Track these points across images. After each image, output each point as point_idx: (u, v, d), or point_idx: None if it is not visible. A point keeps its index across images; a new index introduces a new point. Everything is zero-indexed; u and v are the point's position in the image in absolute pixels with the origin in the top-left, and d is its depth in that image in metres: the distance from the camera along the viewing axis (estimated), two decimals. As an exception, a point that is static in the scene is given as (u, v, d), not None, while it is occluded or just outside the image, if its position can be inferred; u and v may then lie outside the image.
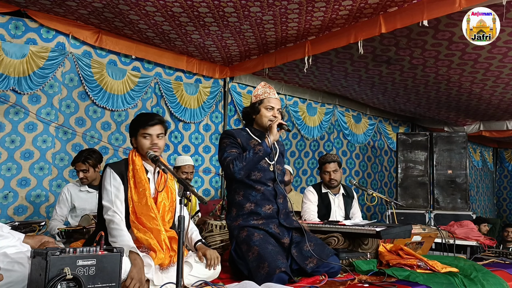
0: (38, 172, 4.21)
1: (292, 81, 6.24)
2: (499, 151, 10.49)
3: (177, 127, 5.35)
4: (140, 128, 2.47)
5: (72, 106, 4.49)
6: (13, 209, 4.06)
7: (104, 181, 2.41)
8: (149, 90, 5.03)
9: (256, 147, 2.66)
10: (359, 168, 7.50)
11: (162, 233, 2.37)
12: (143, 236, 2.33)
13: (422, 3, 3.67)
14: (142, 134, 2.46)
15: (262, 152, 2.64)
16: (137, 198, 2.40)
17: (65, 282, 1.70)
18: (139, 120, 2.51)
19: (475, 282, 2.59)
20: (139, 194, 2.40)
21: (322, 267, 2.57)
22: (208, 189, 5.62)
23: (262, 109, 2.78)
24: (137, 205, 2.39)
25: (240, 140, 2.74)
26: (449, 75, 5.47)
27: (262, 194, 2.71)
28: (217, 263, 2.48)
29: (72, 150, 4.44)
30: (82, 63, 4.48)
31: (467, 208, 6.03)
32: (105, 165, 2.50)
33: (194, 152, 5.51)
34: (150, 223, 2.37)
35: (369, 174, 7.71)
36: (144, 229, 2.36)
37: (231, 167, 2.61)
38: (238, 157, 2.64)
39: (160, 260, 2.31)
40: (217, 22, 4.20)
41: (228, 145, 2.72)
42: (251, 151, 2.64)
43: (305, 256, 2.61)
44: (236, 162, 2.61)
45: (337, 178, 4.06)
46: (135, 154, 2.49)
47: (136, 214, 2.38)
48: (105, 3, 3.88)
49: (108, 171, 2.42)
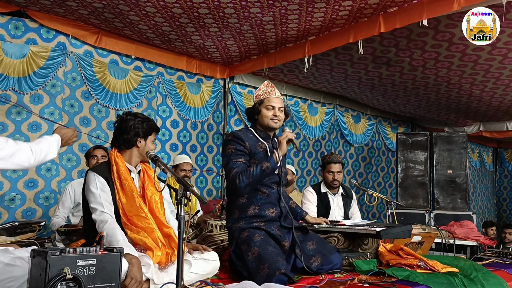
0: (46, 173, 4.18)
1: (292, 81, 6.24)
2: (499, 151, 10.49)
3: (185, 126, 5.35)
4: (153, 132, 2.55)
5: (76, 105, 4.49)
6: (21, 212, 4.02)
7: (89, 185, 2.36)
8: (153, 89, 5.03)
9: (264, 163, 2.58)
10: (360, 168, 7.51)
11: (155, 230, 2.37)
12: (137, 236, 2.33)
13: (422, 3, 3.68)
14: (153, 139, 2.56)
15: (270, 169, 2.58)
16: (126, 200, 2.38)
17: (65, 282, 1.70)
18: (153, 125, 2.56)
19: (475, 282, 2.59)
20: (127, 195, 2.39)
21: (326, 265, 2.61)
22: (211, 189, 5.62)
23: (262, 109, 2.75)
24: (126, 207, 2.37)
25: (248, 144, 2.67)
26: (449, 76, 5.47)
27: (267, 197, 2.69)
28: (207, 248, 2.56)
29: (79, 150, 4.43)
30: (83, 62, 4.48)
31: (467, 208, 6.04)
32: (86, 170, 2.49)
33: (200, 152, 5.51)
34: (142, 222, 2.36)
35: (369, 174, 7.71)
36: (137, 229, 2.35)
37: (237, 182, 2.54)
38: (245, 171, 2.56)
39: (158, 258, 2.31)
40: (217, 23, 4.21)
41: (234, 153, 2.63)
42: (258, 168, 2.56)
43: (308, 255, 2.63)
44: (242, 178, 2.54)
45: (339, 179, 4.07)
46: (117, 155, 2.47)
47: (127, 216, 2.37)
48: (105, 3, 3.88)
49: (92, 175, 2.38)
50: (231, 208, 2.75)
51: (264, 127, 2.78)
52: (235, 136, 2.69)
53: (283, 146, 2.63)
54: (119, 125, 2.54)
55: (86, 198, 2.39)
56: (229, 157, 2.63)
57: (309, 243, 2.69)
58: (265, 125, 2.76)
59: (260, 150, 2.70)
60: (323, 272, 2.58)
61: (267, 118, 2.73)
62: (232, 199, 2.76)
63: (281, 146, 2.62)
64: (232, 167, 2.58)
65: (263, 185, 2.68)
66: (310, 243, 2.68)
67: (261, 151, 2.69)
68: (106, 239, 2.23)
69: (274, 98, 2.77)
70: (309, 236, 2.74)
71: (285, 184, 2.84)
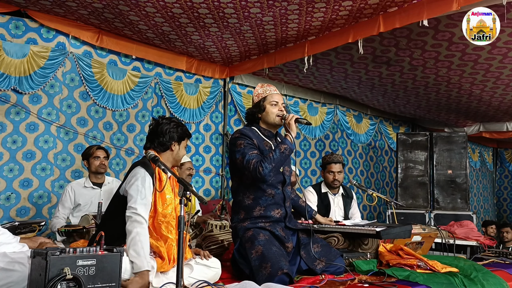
0: (40, 172, 4.19)
1: (292, 81, 6.24)
2: (499, 151, 10.48)
3: None
4: (186, 137, 2.57)
5: (74, 106, 4.49)
6: (16, 210, 4.04)
7: (136, 179, 2.28)
8: (149, 90, 5.03)
9: (281, 146, 2.59)
10: (363, 167, 7.51)
11: (174, 244, 2.34)
12: (154, 243, 2.31)
13: (422, 3, 3.67)
14: (186, 144, 2.58)
15: (288, 150, 2.59)
16: (161, 204, 2.35)
17: (65, 282, 1.70)
18: (186, 130, 2.58)
19: (475, 282, 2.59)
20: (164, 199, 2.36)
21: (330, 267, 2.63)
22: (208, 189, 5.62)
23: (267, 106, 2.74)
24: (159, 211, 2.34)
25: (255, 141, 2.67)
26: (449, 76, 5.47)
27: (273, 198, 2.69)
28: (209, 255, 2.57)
29: (74, 150, 4.43)
30: (82, 63, 4.48)
31: (467, 208, 6.04)
32: (134, 164, 2.44)
33: (195, 152, 5.51)
34: (167, 231, 2.34)
35: (372, 174, 7.71)
36: (157, 237, 2.33)
37: (261, 170, 2.51)
38: (265, 158, 2.55)
39: (163, 269, 2.31)
40: (217, 23, 4.20)
41: (246, 146, 2.61)
42: (276, 151, 2.56)
43: (313, 257, 2.65)
44: (265, 164, 2.52)
45: (340, 179, 4.08)
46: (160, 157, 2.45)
47: (157, 220, 2.33)
48: (105, 3, 3.88)
49: (142, 171, 2.32)
50: (237, 208, 2.75)
51: (269, 125, 2.77)
52: (242, 134, 2.68)
53: (292, 126, 2.65)
54: (155, 128, 2.53)
55: (124, 192, 2.32)
56: (243, 151, 2.60)
57: (314, 245, 2.70)
58: (271, 121, 2.75)
59: (266, 148, 2.70)
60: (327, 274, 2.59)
61: (273, 114, 2.73)
62: (238, 200, 2.75)
63: (291, 126, 2.65)
64: (250, 159, 2.56)
65: (270, 186, 2.68)
66: (315, 246, 2.70)
67: (267, 149, 2.69)
68: (133, 241, 2.16)
69: (276, 94, 2.79)
70: (314, 239, 2.75)
71: (288, 184, 2.84)
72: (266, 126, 2.79)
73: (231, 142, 2.72)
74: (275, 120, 2.73)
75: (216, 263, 2.55)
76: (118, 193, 2.42)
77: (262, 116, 2.77)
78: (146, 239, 2.20)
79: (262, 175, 2.52)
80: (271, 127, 2.78)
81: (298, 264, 2.64)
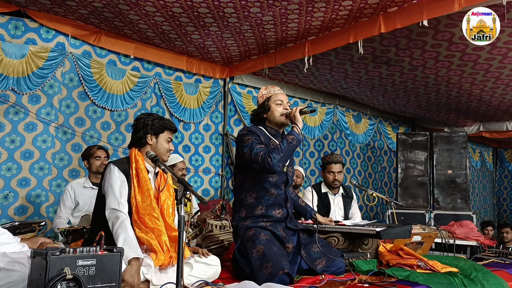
0: (38, 172, 4.20)
1: (292, 81, 6.24)
2: (499, 151, 10.49)
3: (177, 127, 5.35)
4: (166, 130, 2.54)
5: (72, 106, 4.49)
6: (14, 209, 4.06)
7: (108, 178, 2.37)
8: (148, 90, 5.03)
9: (288, 136, 2.59)
10: (361, 167, 7.51)
11: (163, 233, 2.37)
12: (144, 236, 2.33)
13: (422, 3, 3.67)
14: (167, 138, 2.55)
15: (296, 141, 2.59)
16: (141, 198, 2.39)
17: (65, 282, 1.70)
18: (166, 123, 2.55)
19: (475, 282, 2.59)
20: (143, 193, 2.40)
21: (330, 267, 2.63)
22: (208, 189, 5.62)
23: (272, 105, 2.76)
24: (140, 205, 2.38)
25: (263, 139, 2.68)
26: (449, 76, 5.47)
27: (275, 198, 2.69)
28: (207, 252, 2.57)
29: (72, 150, 4.44)
30: (81, 63, 4.48)
31: (467, 208, 6.03)
32: (108, 162, 2.48)
33: (194, 152, 5.51)
34: (152, 223, 2.37)
35: (370, 174, 7.71)
36: (146, 229, 2.35)
37: (269, 161, 2.50)
38: (274, 149, 2.55)
39: (160, 261, 2.31)
40: (217, 22, 4.20)
41: (254, 141, 2.62)
42: (284, 142, 2.57)
43: (313, 257, 2.65)
44: (273, 155, 2.51)
45: (340, 179, 4.07)
46: (137, 153, 2.48)
47: (139, 214, 2.37)
48: (105, 3, 3.88)
49: (113, 168, 2.39)
50: (238, 206, 2.75)
51: (275, 124, 2.78)
52: (249, 130, 2.70)
53: (298, 117, 2.65)
54: (134, 125, 2.55)
55: (103, 192, 2.38)
56: (251, 145, 2.60)
57: (314, 245, 2.70)
58: (276, 120, 2.76)
59: (273, 147, 2.69)
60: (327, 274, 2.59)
61: (278, 113, 2.74)
62: (240, 198, 2.75)
63: (297, 118, 2.65)
64: (258, 151, 2.56)
65: (273, 186, 2.68)
66: (316, 246, 2.69)
67: (285, 137, 2.69)
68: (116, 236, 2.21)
69: (280, 94, 2.81)
70: (314, 239, 2.74)
71: (291, 184, 2.84)
72: (272, 126, 2.80)
73: (238, 138, 2.72)
74: (280, 119, 2.74)
75: (215, 261, 2.55)
76: (100, 193, 2.46)
77: (268, 115, 2.78)
78: (127, 231, 2.24)
79: (271, 165, 2.51)
80: (277, 126, 2.79)
81: (299, 263, 2.65)
